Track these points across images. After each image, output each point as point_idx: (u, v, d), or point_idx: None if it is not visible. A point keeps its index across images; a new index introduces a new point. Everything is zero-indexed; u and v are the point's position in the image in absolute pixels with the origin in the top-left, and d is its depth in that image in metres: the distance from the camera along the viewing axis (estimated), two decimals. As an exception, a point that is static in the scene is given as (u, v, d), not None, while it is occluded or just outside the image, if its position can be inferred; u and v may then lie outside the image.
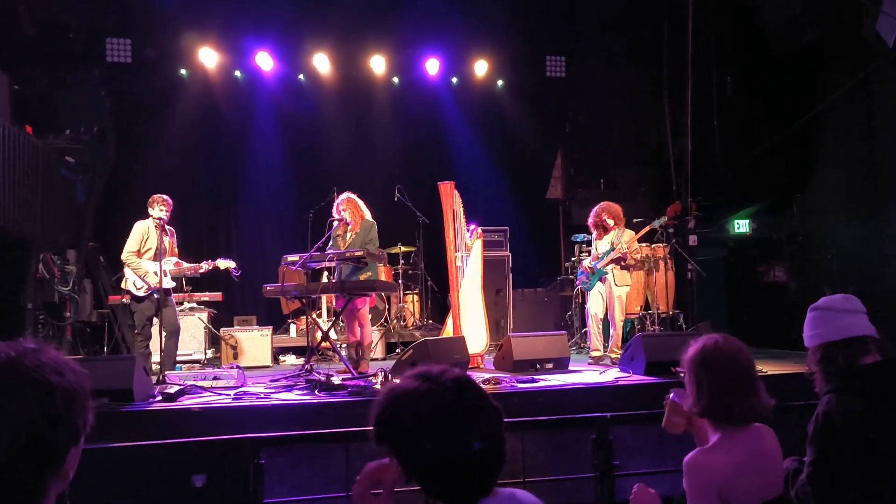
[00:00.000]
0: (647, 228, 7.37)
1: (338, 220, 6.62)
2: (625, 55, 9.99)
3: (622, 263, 6.86)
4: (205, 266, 6.51)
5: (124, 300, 6.56)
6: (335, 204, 6.72)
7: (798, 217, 9.31)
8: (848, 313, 2.32)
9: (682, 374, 2.29)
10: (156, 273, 6.05)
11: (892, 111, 7.81)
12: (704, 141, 9.28)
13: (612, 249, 6.82)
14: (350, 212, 6.60)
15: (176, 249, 6.56)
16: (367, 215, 6.71)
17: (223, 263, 6.57)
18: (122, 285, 6.37)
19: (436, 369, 1.42)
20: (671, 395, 2.38)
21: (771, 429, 2.25)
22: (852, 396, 2.20)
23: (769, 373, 5.23)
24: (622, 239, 6.85)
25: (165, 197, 6.32)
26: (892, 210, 7.79)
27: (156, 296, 6.21)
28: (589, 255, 7.22)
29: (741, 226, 9.52)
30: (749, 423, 2.18)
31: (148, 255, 6.26)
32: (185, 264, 6.52)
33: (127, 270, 6.28)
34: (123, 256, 6.27)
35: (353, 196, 6.73)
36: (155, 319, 6.36)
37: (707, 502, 2.10)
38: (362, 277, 6.39)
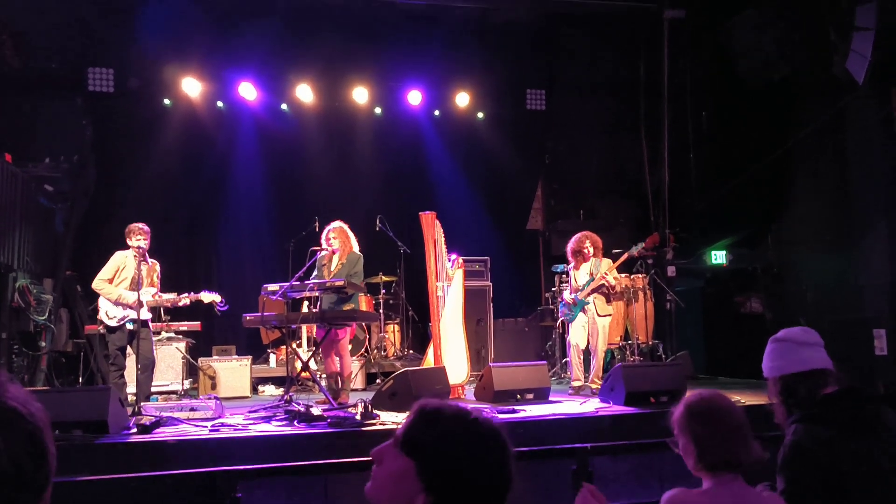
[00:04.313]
0: (625, 257, 7.43)
1: (325, 249, 6.57)
2: (604, 89, 10.17)
3: (609, 292, 6.89)
4: (185, 299, 6.42)
5: (100, 330, 6.46)
6: (325, 232, 6.66)
7: (773, 249, 9.47)
8: (807, 346, 2.39)
9: (674, 435, 2.19)
10: (131, 305, 5.99)
11: (863, 144, 8.01)
12: (681, 173, 9.46)
13: (592, 280, 6.87)
14: (340, 241, 6.58)
15: (156, 281, 6.45)
16: (356, 247, 6.67)
17: (207, 297, 6.43)
18: (97, 315, 6.29)
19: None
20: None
21: (781, 499, 2.12)
22: (819, 425, 2.24)
23: (746, 403, 5.27)
24: (600, 269, 6.91)
25: (142, 225, 6.24)
26: (865, 241, 7.94)
27: (129, 327, 6.12)
28: (567, 286, 7.21)
29: (718, 257, 9.64)
30: (752, 465, 2.07)
31: (123, 285, 6.18)
32: (165, 296, 6.44)
33: (100, 300, 6.20)
34: (94, 284, 6.18)
35: (344, 226, 6.68)
36: (129, 350, 6.27)
37: None
38: (346, 309, 6.35)
